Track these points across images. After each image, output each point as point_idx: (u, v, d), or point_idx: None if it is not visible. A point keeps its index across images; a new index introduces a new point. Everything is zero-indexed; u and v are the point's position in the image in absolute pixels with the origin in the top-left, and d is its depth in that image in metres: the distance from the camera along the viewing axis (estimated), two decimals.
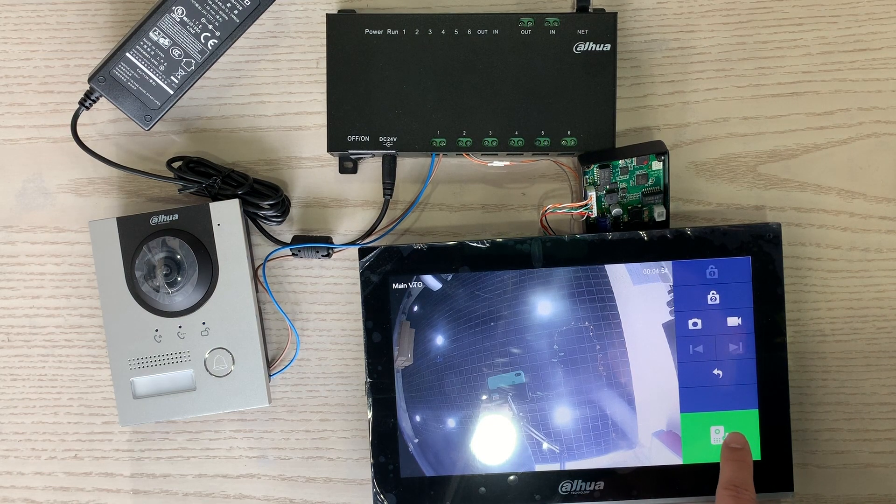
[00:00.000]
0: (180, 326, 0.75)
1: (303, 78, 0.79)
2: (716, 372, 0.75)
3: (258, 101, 0.79)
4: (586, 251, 0.75)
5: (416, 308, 0.76)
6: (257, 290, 0.78)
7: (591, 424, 0.76)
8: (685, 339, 0.75)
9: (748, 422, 0.75)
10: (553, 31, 0.76)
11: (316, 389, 0.79)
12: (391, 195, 0.78)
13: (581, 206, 0.76)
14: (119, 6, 0.79)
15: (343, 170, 0.79)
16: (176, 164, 0.78)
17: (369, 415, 0.76)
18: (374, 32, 0.76)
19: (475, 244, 0.75)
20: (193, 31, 0.75)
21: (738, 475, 0.70)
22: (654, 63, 0.79)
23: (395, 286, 0.76)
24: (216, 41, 0.75)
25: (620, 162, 0.76)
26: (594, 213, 0.76)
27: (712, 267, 0.75)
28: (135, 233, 0.75)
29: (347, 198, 0.79)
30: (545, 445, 0.75)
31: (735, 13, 0.79)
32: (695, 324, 0.75)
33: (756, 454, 0.75)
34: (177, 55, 0.75)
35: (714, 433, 0.75)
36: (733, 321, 0.75)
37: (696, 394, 0.75)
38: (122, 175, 0.79)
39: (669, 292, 0.75)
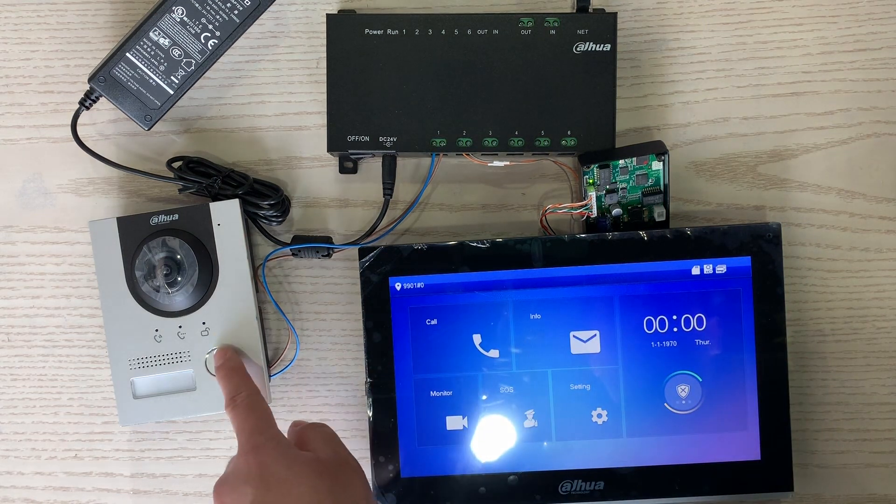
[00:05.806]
0: (180, 326, 0.75)
1: (303, 78, 0.79)
2: None
3: (258, 101, 0.79)
4: (586, 251, 0.75)
5: None
6: (257, 290, 0.78)
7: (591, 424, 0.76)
8: (684, 339, 0.75)
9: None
10: (553, 32, 0.75)
11: (316, 389, 0.79)
12: (391, 195, 0.78)
13: (581, 206, 0.76)
14: (119, 6, 0.79)
15: (343, 170, 0.79)
16: (176, 164, 0.78)
17: (369, 415, 0.76)
18: (374, 32, 0.76)
19: (475, 244, 0.75)
20: (193, 31, 0.75)
21: (228, 387, 0.70)
22: (654, 63, 0.79)
23: (395, 286, 0.76)
24: (216, 41, 0.75)
25: (620, 162, 0.76)
26: (594, 213, 0.76)
27: (712, 267, 0.75)
28: (135, 233, 0.75)
29: (347, 198, 0.79)
30: (545, 444, 0.75)
31: (735, 13, 0.78)
32: (694, 324, 0.75)
33: (756, 454, 0.75)
34: (177, 55, 0.75)
35: None
36: (733, 321, 0.75)
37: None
38: (122, 175, 0.79)
39: (669, 292, 0.75)
